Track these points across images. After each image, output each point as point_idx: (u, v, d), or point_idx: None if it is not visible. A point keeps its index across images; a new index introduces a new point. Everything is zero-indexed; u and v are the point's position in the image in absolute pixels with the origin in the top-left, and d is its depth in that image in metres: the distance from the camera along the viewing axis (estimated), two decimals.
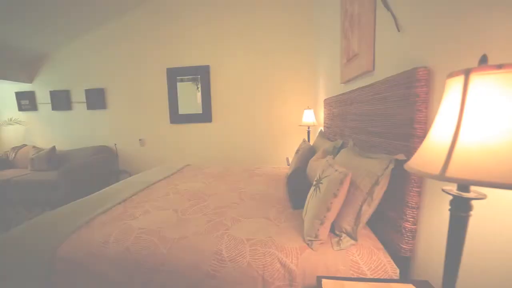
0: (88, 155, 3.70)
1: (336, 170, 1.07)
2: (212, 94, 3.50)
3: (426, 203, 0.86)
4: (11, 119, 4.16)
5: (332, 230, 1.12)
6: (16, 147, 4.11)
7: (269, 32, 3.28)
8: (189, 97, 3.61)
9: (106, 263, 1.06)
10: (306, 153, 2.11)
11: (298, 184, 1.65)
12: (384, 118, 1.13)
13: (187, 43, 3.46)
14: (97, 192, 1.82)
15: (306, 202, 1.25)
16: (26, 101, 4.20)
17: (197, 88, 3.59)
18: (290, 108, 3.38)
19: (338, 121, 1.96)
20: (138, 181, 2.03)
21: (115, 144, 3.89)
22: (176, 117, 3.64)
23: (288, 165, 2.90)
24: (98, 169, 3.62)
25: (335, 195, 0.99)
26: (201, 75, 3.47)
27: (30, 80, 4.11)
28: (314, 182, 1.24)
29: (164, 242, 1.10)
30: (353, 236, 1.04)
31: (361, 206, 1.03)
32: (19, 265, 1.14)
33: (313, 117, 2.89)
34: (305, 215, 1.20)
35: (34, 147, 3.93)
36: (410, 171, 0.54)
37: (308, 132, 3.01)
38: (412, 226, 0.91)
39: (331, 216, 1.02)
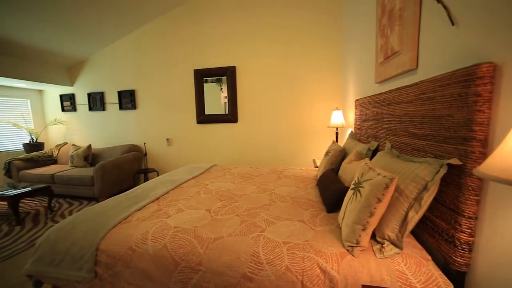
0: (120, 153, 3.90)
1: (379, 174, 1.01)
2: (238, 95, 3.52)
3: (488, 213, 0.78)
4: (55, 120, 4.55)
5: (372, 236, 1.07)
6: (59, 144, 4.46)
7: (296, 32, 3.23)
8: (214, 98, 3.68)
9: (147, 259, 1.10)
10: (337, 155, 2.05)
11: (330, 187, 1.59)
12: (431, 119, 1.05)
13: (214, 44, 3.53)
14: (131, 190, 1.90)
15: (344, 206, 1.20)
16: (68, 103, 4.55)
17: (221, 89, 3.65)
18: (317, 109, 3.31)
19: (371, 122, 1.87)
20: (168, 180, 2.10)
21: (145, 143, 4.07)
22: (203, 118, 3.72)
23: (316, 166, 2.83)
24: (128, 166, 3.80)
25: (379, 200, 0.94)
26: (227, 76, 3.51)
27: (71, 83, 4.45)
28: (352, 186, 1.19)
29: (201, 242, 1.11)
30: (397, 244, 0.97)
31: (407, 212, 0.97)
32: (67, 255, 1.22)
33: (342, 118, 2.79)
34: (342, 219, 1.15)
35: (73, 145, 4.24)
36: (483, 178, 0.49)
37: (337, 133, 2.92)
38: (469, 238, 0.83)
39: (374, 221, 0.97)
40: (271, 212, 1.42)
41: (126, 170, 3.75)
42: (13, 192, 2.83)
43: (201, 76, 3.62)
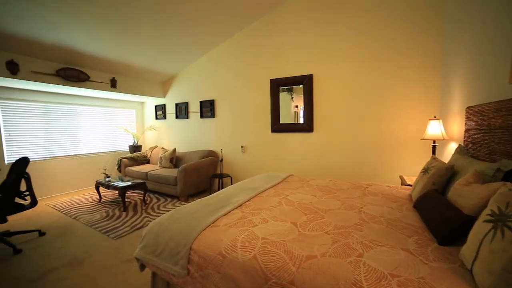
0: (199, 157, 4.29)
1: None
2: (315, 104, 3.39)
3: None
4: (150, 126, 5.42)
5: None
6: (152, 147, 5.28)
7: (380, 33, 2.91)
8: (284, 107, 3.67)
9: (236, 268, 1.09)
10: (442, 174, 1.69)
11: (440, 212, 1.30)
12: None
13: (291, 53, 3.52)
14: (215, 194, 2.00)
15: (474, 242, 0.93)
16: (160, 112, 5.36)
17: (291, 98, 3.61)
18: (406, 119, 2.87)
19: (501, 135, 1.46)
20: (248, 187, 2.13)
21: (221, 150, 4.36)
22: (277, 126, 3.72)
23: (406, 184, 2.43)
24: (205, 170, 4.13)
25: None
26: (303, 85, 3.44)
27: (164, 95, 5.23)
28: (488, 217, 0.92)
29: (292, 258, 1.04)
30: None
31: None
32: (166, 248, 1.35)
33: (441, 130, 2.33)
34: (474, 259, 0.89)
35: (162, 148, 4.92)
36: None
37: (434, 147, 2.45)
38: None
39: None
40: (365, 234, 1.24)
41: (203, 173, 4.08)
42: (122, 184, 3.45)
43: (277, 86, 3.66)
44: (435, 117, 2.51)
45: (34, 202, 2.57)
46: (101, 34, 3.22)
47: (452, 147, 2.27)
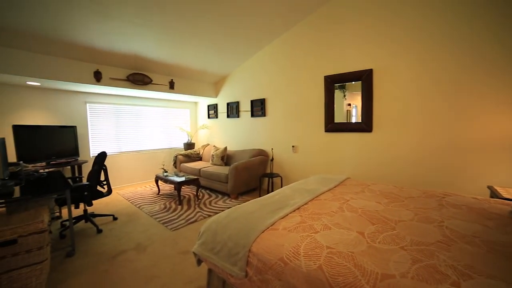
0: (249, 156, 4.32)
1: None
2: (375, 101, 3.06)
3: None
4: (203, 125, 5.73)
5: None
6: (204, 145, 5.56)
7: (458, 19, 2.43)
8: (338, 105, 3.43)
9: (299, 277, 1.01)
10: None
11: None
12: None
13: (348, 47, 3.24)
14: (270, 194, 1.95)
15: None
16: (212, 111, 5.61)
17: (344, 96, 3.34)
18: (498, 115, 2.33)
19: None
20: (303, 189, 2.03)
21: (272, 149, 4.32)
22: (331, 126, 3.49)
23: (500, 198, 1.99)
24: (255, 169, 4.13)
25: None
26: (362, 81, 3.14)
27: (215, 95, 5.46)
28: None
29: (364, 274, 0.91)
30: None
31: None
32: (225, 247, 1.34)
33: None
34: None
35: (214, 146, 5.13)
36: None
37: None
38: None
39: None
40: (455, 256, 1.02)
41: (253, 172, 4.10)
42: (178, 179, 3.70)
43: (332, 82, 3.43)
44: None
45: (109, 191, 2.95)
46: (165, 41, 3.51)
47: None
